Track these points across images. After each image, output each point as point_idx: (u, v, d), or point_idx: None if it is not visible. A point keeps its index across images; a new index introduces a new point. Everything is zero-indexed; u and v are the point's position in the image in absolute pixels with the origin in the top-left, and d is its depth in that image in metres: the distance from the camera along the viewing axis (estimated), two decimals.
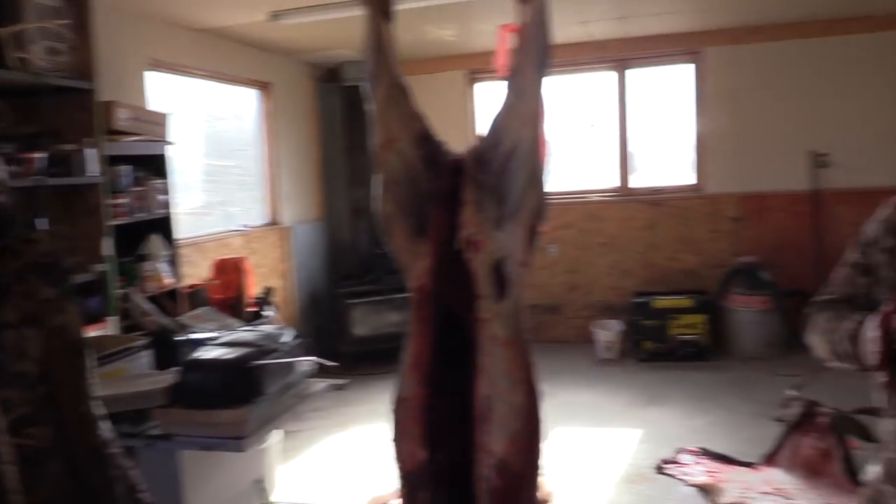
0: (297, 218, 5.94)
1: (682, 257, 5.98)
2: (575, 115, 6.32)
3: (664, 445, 3.97)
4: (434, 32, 5.24)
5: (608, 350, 5.71)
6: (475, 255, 1.46)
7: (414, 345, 1.49)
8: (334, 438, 4.41)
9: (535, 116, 1.48)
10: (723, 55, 5.80)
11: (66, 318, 1.15)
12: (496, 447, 1.40)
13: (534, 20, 1.48)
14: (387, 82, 1.55)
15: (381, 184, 1.55)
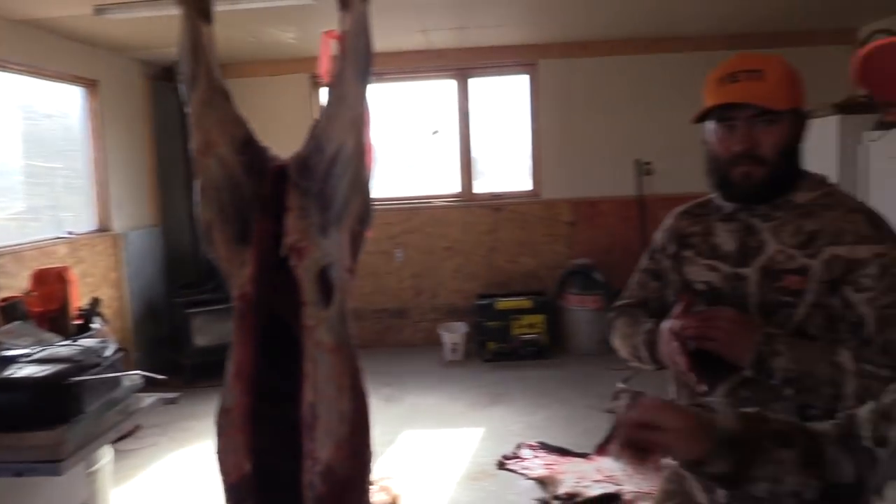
0: (131, 224, 5.61)
1: (522, 260, 6.22)
2: (418, 121, 6.42)
3: (505, 442, 4.10)
4: (274, 34, 5.14)
5: (454, 352, 5.83)
6: (300, 261, 1.45)
7: (237, 354, 1.45)
8: (174, 456, 4.20)
9: (358, 122, 1.49)
10: (555, 68, 6.10)
11: None
12: (322, 454, 1.39)
13: (355, 27, 1.49)
14: (205, 85, 1.50)
15: (200, 190, 1.51)
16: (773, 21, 5.49)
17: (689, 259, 1.53)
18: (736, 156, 1.42)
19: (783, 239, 1.41)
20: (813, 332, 1.35)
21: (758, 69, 1.41)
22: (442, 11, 4.82)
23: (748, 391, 1.39)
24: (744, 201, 1.46)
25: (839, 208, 1.40)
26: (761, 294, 1.39)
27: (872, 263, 1.32)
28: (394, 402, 4.91)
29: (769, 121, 1.40)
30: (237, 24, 4.74)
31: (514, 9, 4.89)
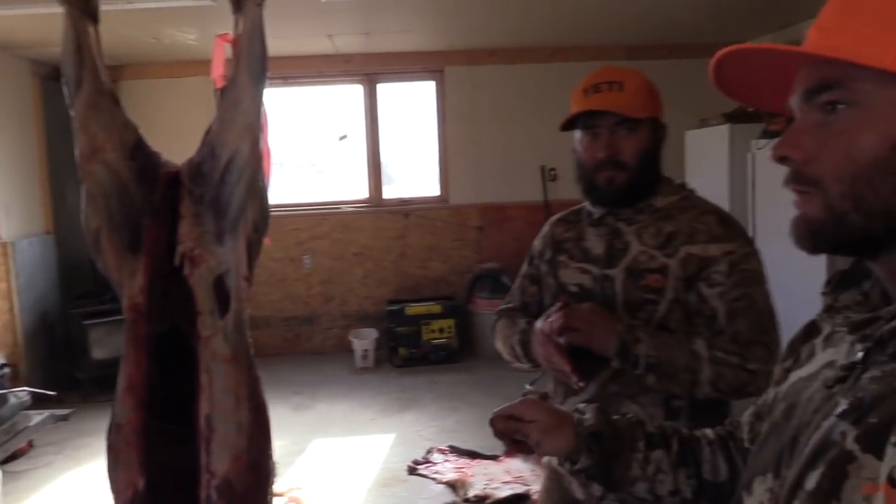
0: (21, 232, 5.31)
1: (432, 265, 6.25)
2: (326, 127, 6.36)
3: (417, 447, 4.11)
4: (174, 35, 4.99)
5: (364, 358, 5.80)
6: (194, 270, 1.41)
7: (128, 367, 1.40)
8: (70, 476, 4.00)
9: (253, 128, 1.46)
10: (461, 74, 6.17)
11: None
12: (219, 467, 1.35)
13: (249, 31, 1.46)
14: (90, 88, 1.44)
15: (86, 197, 1.44)
16: (668, 33, 5.74)
17: (564, 263, 1.61)
18: (600, 162, 1.50)
19: (645, 240, 1.50)
20: (673, 326, 1.44)
21: (618, 81, 1.51)
22: (348, 17, 4.79)
23: (617, 385, 1.47)
24: (608, 205, 1.55)
25: (693, 211, 1.51)
26: (626, 293, 1.48)
27: (722, 260, 1.43)
28: (304, 411, 4.84)
29: (629, 129, 1.50)
30: (136, 24, 4.58)
31: (420, 15, 4.92)
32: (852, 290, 0.76)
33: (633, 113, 1.48)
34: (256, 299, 5.98)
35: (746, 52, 0.71)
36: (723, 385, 1.37)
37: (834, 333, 0.78)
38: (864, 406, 0.63)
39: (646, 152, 1.52)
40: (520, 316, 1.67)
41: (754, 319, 1.41)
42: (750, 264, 1.45)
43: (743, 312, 1.40)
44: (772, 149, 0.72)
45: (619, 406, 1.46)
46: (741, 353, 1.37)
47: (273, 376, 5.30)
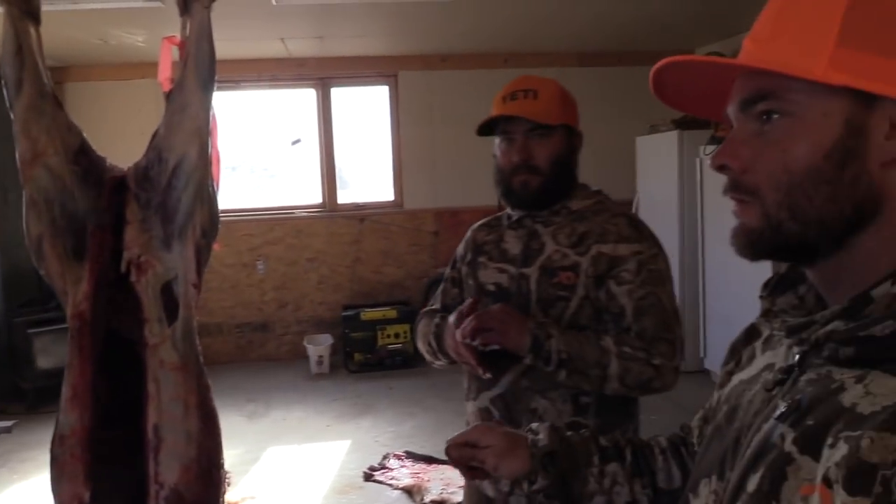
0: None
1: (387, 270, 6.23)
2: (279, 131, 6.30)
3: (373, 453, 4.09)
4: (122, 37, 4.89)
5: (320, 364, 5.75)
6: (140, 277, 1.38)
7: (72, 376, 1.36)
8: (13, 490, 3.87)
9: (201, 132, 1.44)
10: (416, 79, 6.18)
11: None
12: (168, 478, 1.33)
13: (196, 34, 1.44)
14: (32, 90, 1.40)
15: (28, 202, 1.40)
16: (619, 41, 5.84)
17: (483, 264, 1.67)
18: (515, 166, 1.58)
19: (560, 240, 1.57)
20: (584, 322, 1.52)
21: (533, 89, 1.58)
22: (300, 20, 4.76)
23: (528, 381, 1.52)
24: (524, 208, 1.62)
25: (606, 213, 1.59)
26: (540, 290, 1.54)
27: (631, 260, 1.51)
28: (258, 418, 4.77)
29: (542, 135, 1.56)
30: (82, 24, 4.48)
31: (374, 20, 4.91)
32: (789, 294, 0.78)
33: (545, 119, 1.55)
34: (208, 306, 5.88)
35: (685, 63, 0.72)
36: (629, 380, 1.44)
37: (772, 336, 0.80)
38: (802, 408, 0.65)
39: (559, 157, 1.58)
40: (440, 316, 1.72)
41: (659, 317, 1.48)
42: (657, 265, 1.52)
43: (649, 310, 1.47)
44: (711, 158, 0.73)
45: (529, 401, 1.53)
46: (647, 349, 1.44)
47: (226, 384, 5.22)
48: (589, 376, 1.44)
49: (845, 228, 0.66)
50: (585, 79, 6.34)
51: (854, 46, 0.63)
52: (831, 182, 0.65)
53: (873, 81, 0.63)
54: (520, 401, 1.54)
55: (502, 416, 1.56)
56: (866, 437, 0.56)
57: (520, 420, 1.53)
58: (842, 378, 0.64)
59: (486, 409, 1.59)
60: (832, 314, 0.66)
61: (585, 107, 6.17)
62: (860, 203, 0.65)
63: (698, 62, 0.71)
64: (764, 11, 0.72)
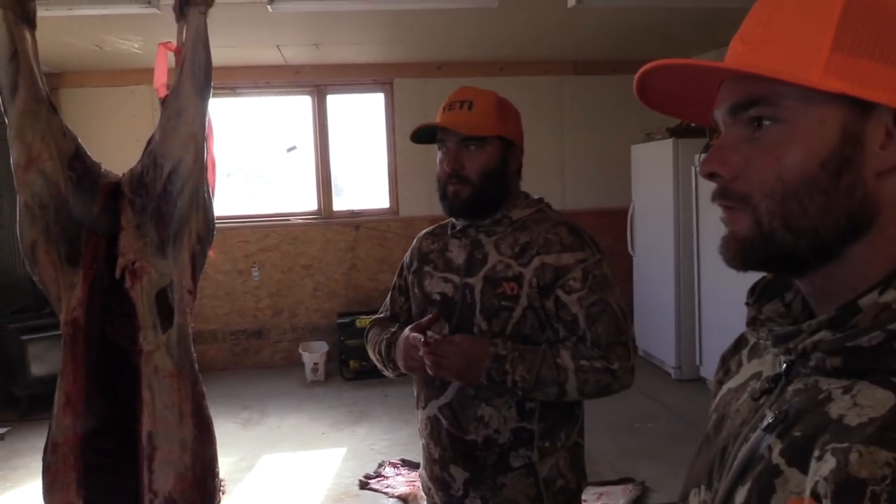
0: None
1: (382, 277, 6.21)
2: (274, 137, 6.29)
3: (369, 461, 4.07)
4: (116, 43, 4.88)
5: (315, 372, 5.72)
6: (135, 283, 1.38)
7: (66, 384, 1.35)
8: (5, 498, 3.85)
9: (197, 138, 1.44)
10: (411, 87, 6.17)
11: None
12: (162, 486, 1.32)
13: (192, 40, 1.44)
14: (27, 95, 1.40)
15: (22, 208, 1.40)
16: (615, 50, 5.85)
17: (428, 273, 1.69)
18: (447, 175, 1.61)
19: (502, 250, 1.59)
20: (527, 331, 1.54)
21: (469, 100, 1.61)
22: (297, 27, 4.76)
23: (473, 389, 1.55)
24: (455, 215, 1.66)
25: (546, 222, 1.61)
26: (484, 300, 1.56)
27: (576, 268, 1.53)
28: (253, 426, 4.75)
29: (475, 146, 1.58)
30: (77, 30, 4.47)
31: (370, 28, 4.91)
32: (775, 301, 0.77)
33: (475, 132, 1.57)
34: (203, 312, 5.86)
35: (672, 66, 0.70)
36: (588, 389, 1.47)
37: (759, 344, 0.79)
38: (789, 419, 0.64)
39: (490, 169, 1.59)
40: (390, 325, 1.75)
41: (612, 322, 1.51)
42: (601, 270, 1.55)
43: (600, 317, 1.50)
44: (700, 164, 0.72)
45: (475, 409, 1.55)
46: (604, 356, 1.48)
47: (221, 391, 5.20)
48: (547, 394, 1.47)
49: (839, 238, 0.64)
50: (581, 87, 6.37)
51: (849, 52, 0.62)
52: (826, 191, 0.63)
53: (870, 89, 0.61)
54: (466, 408, 1.56)
55: (450, 423, 1.59)
56: (854, 450, 0.55)
57: (466, 428, 1.56)
58: (829, 388, 0.63)
59: (435, 416, 1.62)
60: (819, 324, 0.65)
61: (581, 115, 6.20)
62: (855, 213, 0.64)
63: (688, 65, 0.70)
64: (753, 12, 0.70)
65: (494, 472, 1.55)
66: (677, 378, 5.33)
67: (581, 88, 6.38)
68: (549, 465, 1.56)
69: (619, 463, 3.91)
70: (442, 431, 1.60)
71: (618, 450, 4.08)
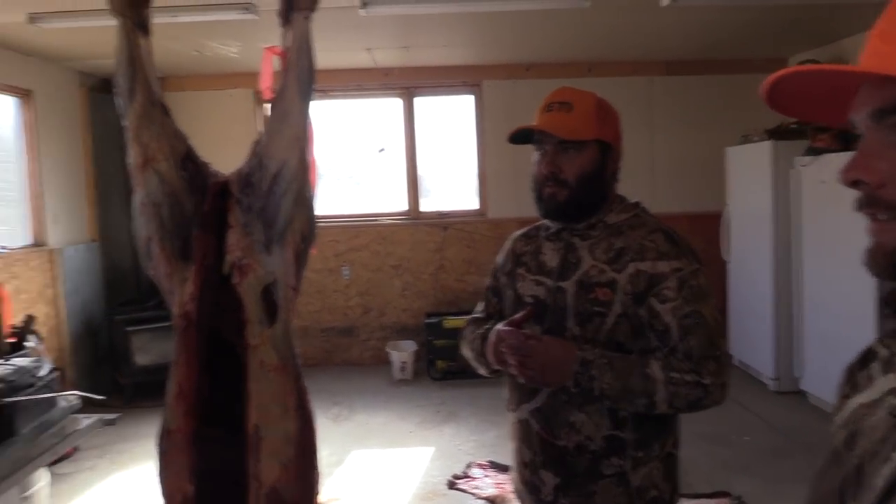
0: (68, 239, 5.43)
1: (470, 278, 6.23)
2: (365, 139, 6.40)
3: (456, 461, 4.09)
4: (216, 48, 5.08)
5: (403, 370, 5.79)
6: (242, 279, 1.42)
7: (178, 374, 1.41)
8: (112, 479, 4.06)
9: (301, 139, 1.48)
10: (500, 88, 6.17)
11: None
12: (267, 476, 1.36)
13: (297, 44, 1.48)
14: (143, 98, 1.47)
15: (139, 205, 1.47)
16: (708, 49, 5.68)
17: (521, 275, 1.67)
18: (544, 177, 1.59)
19: (597, 255, 1.56)
20: (621, 339, 1.50)
21: (568, 102, 1.59)
22: (386, 31, 4.83)
23: (566, 395, 1.51)
24: (550, 218, 1.64)
25: (642, 228, 1.57)
26: (577, 304, 1.53)
27: (672, 277, 1.48)
28: (342, 422, 4.85)
29: (574, 149, 1.56)
30: (179, 36, 4.67)
31: (459, 30, 4.94)
32: None
33: (572, 135, 1.55)
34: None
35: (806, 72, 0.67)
36: (678, 402, 1.43)
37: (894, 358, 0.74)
38: None
39: (588, 172, 1.57)
40: (485, 323, 1.74)
41: (705, 335, 1.46)
42: (697, 280, 1.50)
43: (694, 329, 1.46)
44: (840, 172, 0.67)
45: (567, 414, 1.52)
46: (696, 370, 1.43)
47: (312, 386, 5.21)
48: (635, 404, 1.44)
49: None
50: (672, 88, 6.21)
51: None
52: None
53: None
54: (558, 414, 1.54)
55: (541, 428, 1.57)
56: None
57: (557, 433, 1.54)
58: None
59: (526, 420, 1.60)
60: None
61: (672, 116, 6.05)
62: None
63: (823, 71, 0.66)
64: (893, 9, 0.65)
65: (585, 479, 1.52)
66: (775, 390, 5.12)
67: (673, 88, 6.22)
68: (641, 474, 1.52)
69: (714, 475, 3.78)
70: (533, 435, 1.58)
71: (713, 462, 3.95)
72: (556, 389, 1.51)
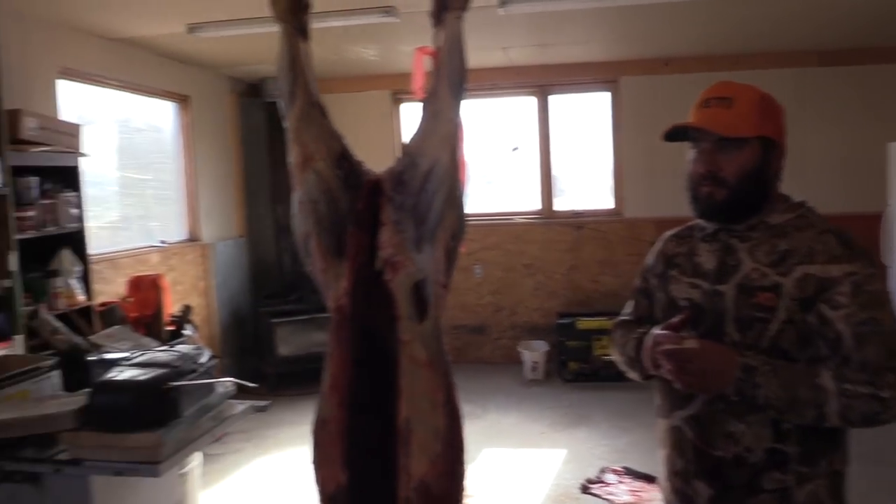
0: (218, 234, 5.80)
1: (604, 279, 6.11)
2: (498, 138, 6.41)
3: (589, 465, 4.02)
4: (356, 52, 5.24)
5: (534, 370, 5.77)
6: (394, 276, 1.45)
7: (333, 366, 1.46)
8: (257, 463, 4.29)
9: (452, 138, 1.49)
10: (637, 84, 6.00)
11: None
12: (417, 470, 1.38)
13: (449, 44, 1.49)
14: (303, 100, 1.53)
15: (298, 203, 1.53)
16: (866, 37, 5.27)
17: (675, 278, 1.59)
18: (701, 176, 1.50)
19: (758, 258, 1.47)
20: (786, 346, 1.40)
21: (728, 97, 1.50)
22: (523, 29, 4.81)
23: (724, 403, 1.43)
24: (707, 219, 1.55)
25: (811, 230, 1.46)
26: (737, 310, 1.45)
27: (845, 282, 1.38)
28: (474, 420, 4.88)
29: (735, 146, 1.47)
30: (321, 41, 4.84)
31: (597, 26, 4.85)
32: None
33: (732, 132, 1.46)
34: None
35: None
36: (852, 416, 1.32)
37: None
38: None
39: (749, 171, 1.48)
40: (635, 326, 1.67)
41: (884, 345, 1.35)
42: (874, 286, 1.39)
43: (871, 338, 1.35)
44: None
45: (725, 424, 1.44)
46: (872, 382, 1.32)
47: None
48: (803, 416, 1.35)
49: None
50: (827, 80, 5.81)
51: None
52: None
53: None
54: (715, 423, 1.45)
55: (696, 436, 1.49)
56: None
57: (714, 443, 1.45)
58: None
59: (678, 427, 1.52)
60: None
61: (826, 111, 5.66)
62: None
63: None
64: None
65: (743, 493, 1.44)
66: None
67: (826, 81, 5.82)
68: (806, 491, 1.42)
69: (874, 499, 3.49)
70: (686, 444, 1.51)
71: (874, 484, 3.65)
72: (714, 397, 1.44)
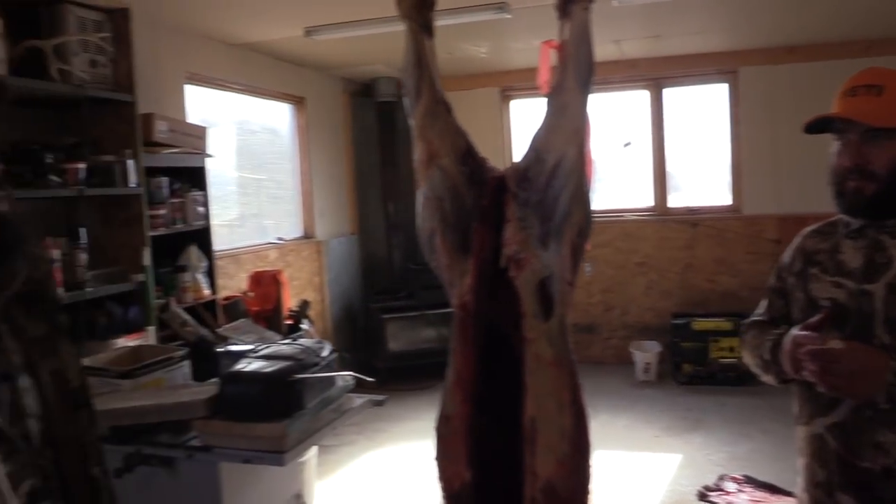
0: (332, 232, 5.97)
1: (721, 279, 5.88)
2: (610, 133, 6.28)
3: (706, 472, 3.88)
4: (467, 49, 5.25)
5: (646, 372, 5.62)
6: (519, 273, 1.43)
7: (457, 362, 1.46)
8: (370, 456, 4.38)
9: (579, 133, 1.46)
10: (758, 75, 5.73)
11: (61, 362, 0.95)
12: (544, 470, 1.36)
13: (576, 36, 1.46)
14: (428, 98, 1.54)
15: (423, 200, 1.54)
16: None
17: (815, 276, 1.51)
18: (847, 170, 1.43)
19: None
20: None
21: (877, 85, 1.40)
22: (637, 21, 4.69)
23: (873, 410, 1.35)
24: (854, 215, 1.47)
25: None
26: (888, 311, 1.36)
27: None
28: None
29: (884, 137, 1.38)
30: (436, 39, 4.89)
31: (714, 15, 4.66)
32: None
33: (884, 122, 1.37)
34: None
35: None
36: None
37: None
38: None
39: None
40: (769, 328, 1.58)
41: None
42: None
43: None
44: None
45: (873, 433, 1.35)
46: None
47: None
48: None
49: None
50: None
51: None
52: None
53: None
54: (862, 431, 1.37)
55: (839, 446, 1.40)
56: None
57: (860, 453, 1.36)
58: None
59: (820, 436, 1.44)
60: None
61: None
62: None
63: None
64: None
65: None
66: None
67: None
68: None
69: None
70: (828, 453, 1.43)
71: None
72: (861, 403, 1.35)
